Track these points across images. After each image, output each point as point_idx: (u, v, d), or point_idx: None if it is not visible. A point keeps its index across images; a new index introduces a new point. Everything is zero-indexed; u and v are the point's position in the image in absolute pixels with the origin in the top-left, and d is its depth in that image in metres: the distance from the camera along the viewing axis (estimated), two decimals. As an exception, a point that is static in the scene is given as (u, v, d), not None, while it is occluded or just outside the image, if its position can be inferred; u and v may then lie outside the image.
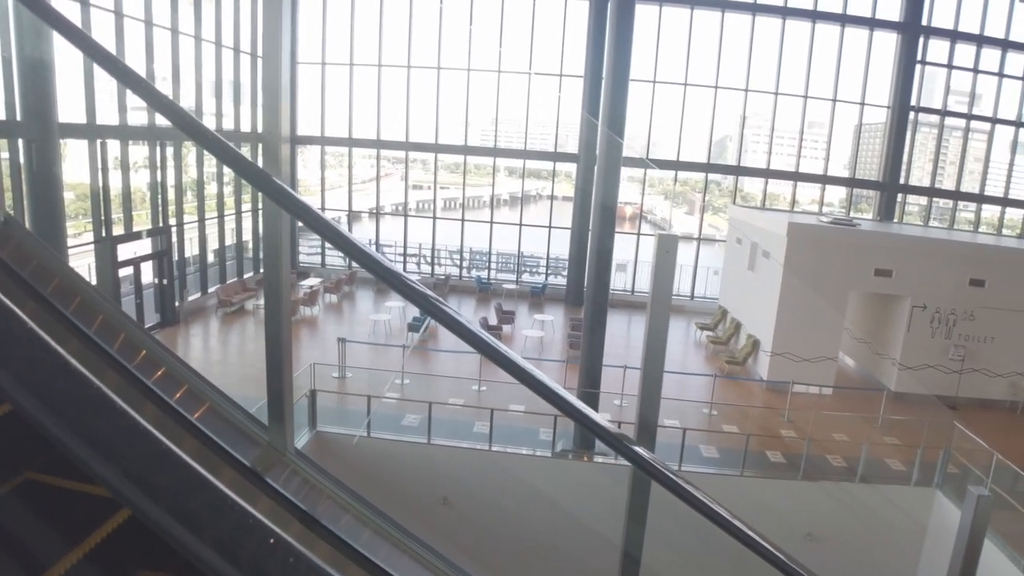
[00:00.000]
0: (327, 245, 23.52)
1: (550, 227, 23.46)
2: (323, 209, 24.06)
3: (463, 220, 23.55)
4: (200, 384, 1.77)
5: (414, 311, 18.57)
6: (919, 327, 16.59)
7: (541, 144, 23.94)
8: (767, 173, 22.54)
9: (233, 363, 15.25)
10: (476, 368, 13.94)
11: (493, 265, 24.04)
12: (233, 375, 13.96)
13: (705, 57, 21.33)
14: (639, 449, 1.39)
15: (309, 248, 24.69)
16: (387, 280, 1.40)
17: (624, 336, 19.31)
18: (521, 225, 23.47)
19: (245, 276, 20.69)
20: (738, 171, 22.89)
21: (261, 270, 21.64)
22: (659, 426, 9.44)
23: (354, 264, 22.56)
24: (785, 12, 20.95)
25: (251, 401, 9.41)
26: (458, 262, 24.11)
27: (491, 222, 23.44)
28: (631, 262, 22.92)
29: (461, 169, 23.61)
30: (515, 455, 11.30)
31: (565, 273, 23.30)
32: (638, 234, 23.69)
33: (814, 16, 20.97)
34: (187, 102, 17.85)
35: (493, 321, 18.64)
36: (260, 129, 21.89)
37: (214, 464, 1.52)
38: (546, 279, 23.77)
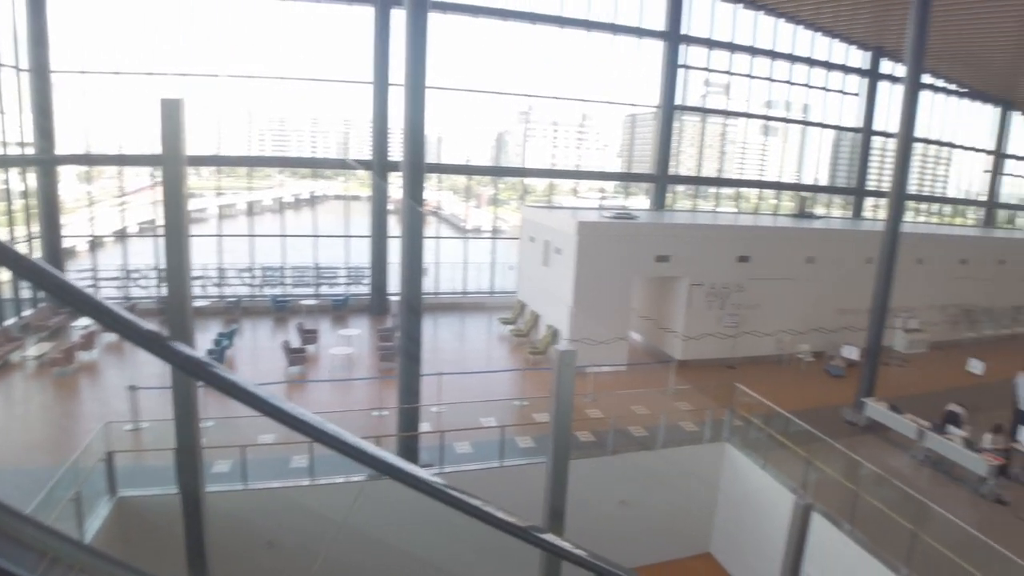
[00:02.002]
0: (99, 275, 21.19)
1: (348, 236, 23.02)
2: (92, 236, 21.59)
3: (252, 235, 22.30)
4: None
5: (206, 343, 17.35)
6: (697, 302, 18.79)
7: (326, 148, 23.40)
8: (551, 173, 24.03)
9: (11, 429, 13.07)
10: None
11: (288, 280, 22.94)
12: (14, 443, 12.10)
13: (489, 63, 22.24)
14: (549, 536, 1.56)
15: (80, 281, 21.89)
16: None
17: (432, 339, 19.46)
18: (316, 236, 22.78)
19: (6, 323, 17.94)
20: (524, 172, 24.12)
21: (24, 313, 18.92)
22: (477, 428, 9.76)
23: (132, 295, 20.73)
24: (562, 21, 22.44)
25: (44, 472, 8.30)
26: (249, 281, 22.72)
27: (283, 235, 22.50)
28: (433, 264, 23.14)
29: (239, 173, 22.32)
30: (336, 485, 11.03)
31: (367, 281, 22.91)
32: (438, 237, 24.19)
33: (588, 25, 22.68)
34: None
35: (296, 343, 17.86)
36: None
37: None
38: (347, 290, 23.16)
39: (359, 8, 20.95)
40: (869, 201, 30.85)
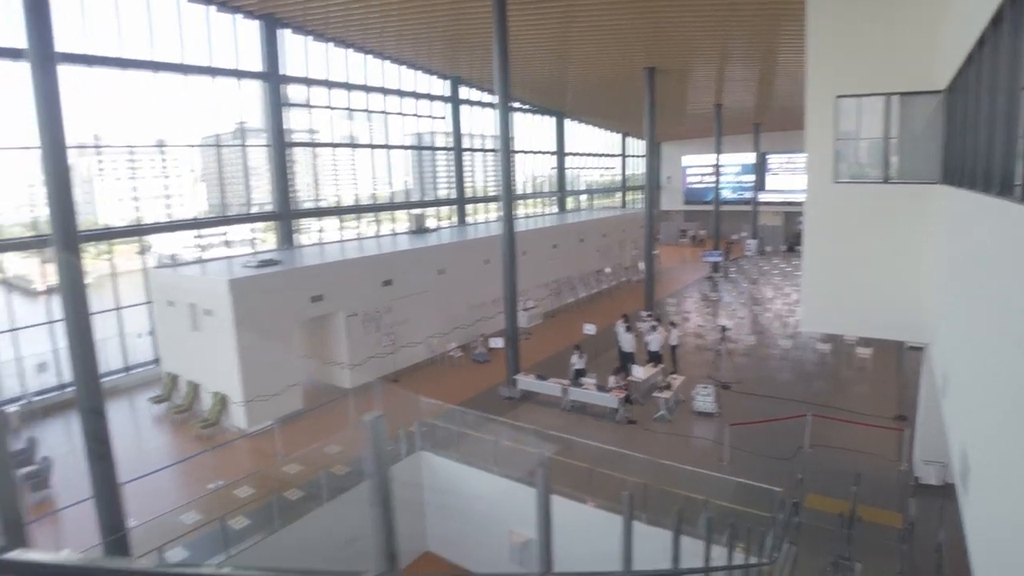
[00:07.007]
0: None
1: None
2: None
3: None
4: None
5: None
6: (356, 330, 20.26)
7: None
8: (180, 225, 23.00)
9: None
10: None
11: None
12: None
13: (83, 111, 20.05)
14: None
15: None
16: None
17: (78, 449, 16.92)
18: None
19: None
20: (147, 230, 22.50)
21: None
22: (187, 533, 9.67)
23: None
24: (156, 66, 21.50)
25: None
26: None
27: None
28: (37, 353, 19.83)
29: None
30: None
31: None
32: (51, 322, 20.88)
33: (185, 69, 22.18)
34: None
35: None
36: None
37: None
38: None
39: None
40: (468, 207, 35.72)
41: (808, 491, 13.10)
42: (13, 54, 18.18)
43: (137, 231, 22.31)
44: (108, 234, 21.48)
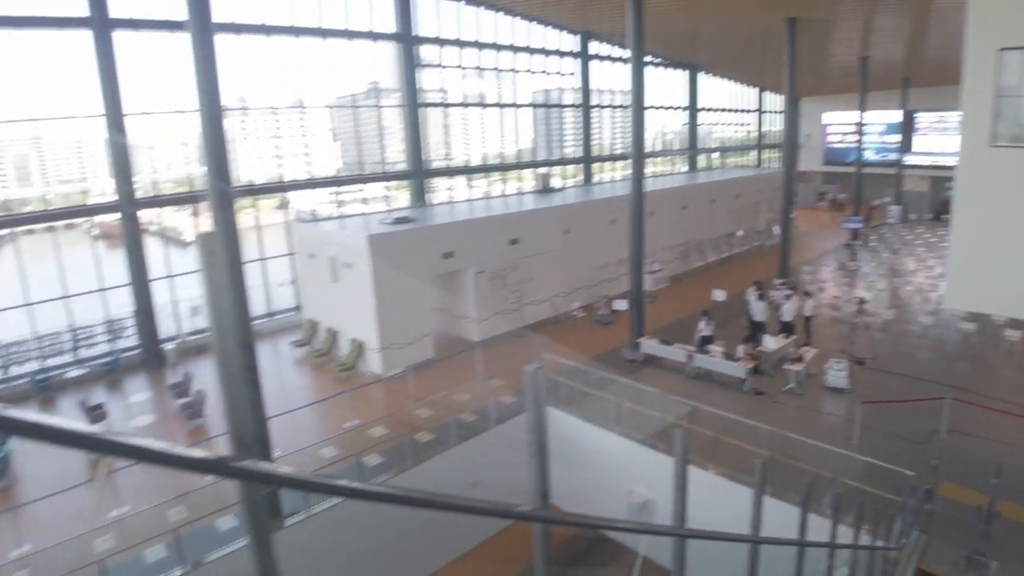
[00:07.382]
0: None
1: (104, 289, 20.70)
2: None
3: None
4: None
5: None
6: (484, 287, 21.09)
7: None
8: (310, 184, 24.58)
9: None
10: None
11: (36, 353, 19.62)
12: None
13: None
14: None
15: None
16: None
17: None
18: (68, 296, 20.31)
19: None
20: (298, 185, 24.32)
21: None
22: (329, 463, 10.75)
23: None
24: (297, 31, 22.91)
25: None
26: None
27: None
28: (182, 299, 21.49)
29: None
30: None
31: (130, 334, 20.87)
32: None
33: (323, 33, 23.48)
34: None
35: (89, 427, 16.02)
36: None
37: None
38: (113, 348, 20.81)
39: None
40: (594, 165, 35.61)
41: (943, 479, 12.61)
42: (174, 26, 19.89)
43: (278, 187, 24.05)
44: (251, 190, 23.28)
